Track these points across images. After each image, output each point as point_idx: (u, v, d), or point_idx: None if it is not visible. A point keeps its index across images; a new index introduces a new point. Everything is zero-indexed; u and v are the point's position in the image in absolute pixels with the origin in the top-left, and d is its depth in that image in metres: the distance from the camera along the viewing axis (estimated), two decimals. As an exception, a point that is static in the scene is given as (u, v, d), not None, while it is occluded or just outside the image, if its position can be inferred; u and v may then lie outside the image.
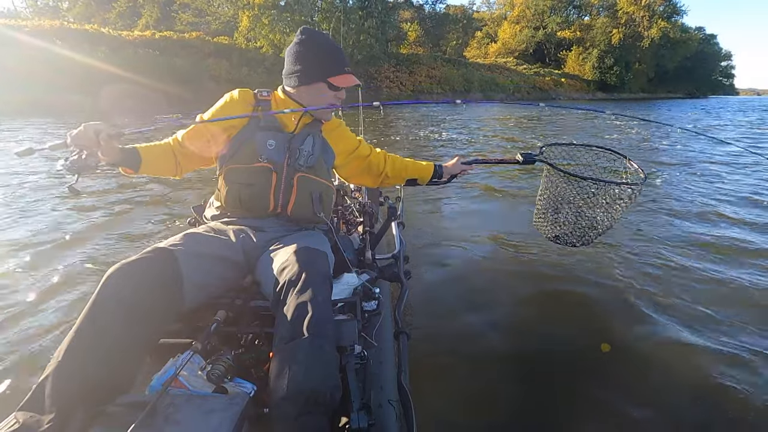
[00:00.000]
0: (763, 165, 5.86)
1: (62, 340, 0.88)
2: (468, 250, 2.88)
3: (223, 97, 1.34)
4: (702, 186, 4.89)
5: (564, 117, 16.05)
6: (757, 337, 1.91)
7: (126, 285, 0.93)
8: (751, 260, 2.74)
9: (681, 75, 57.76)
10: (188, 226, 1.48)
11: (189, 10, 29.70)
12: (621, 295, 2.25)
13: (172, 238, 1.13)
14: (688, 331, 1.94)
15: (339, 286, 1.22)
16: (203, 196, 1.57)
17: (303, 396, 0.85)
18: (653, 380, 1.63)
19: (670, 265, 2.64)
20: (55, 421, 0.78)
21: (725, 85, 77.15)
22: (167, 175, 1.30)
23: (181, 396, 0.88)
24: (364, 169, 1.54)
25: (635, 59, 48.99)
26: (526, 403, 1.51)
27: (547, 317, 2.07)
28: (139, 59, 19.21)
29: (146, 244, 2.14)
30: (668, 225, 3.47)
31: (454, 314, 2.06)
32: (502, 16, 56.60)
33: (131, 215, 3.58)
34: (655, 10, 49.56)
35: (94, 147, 1.03)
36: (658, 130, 11.05)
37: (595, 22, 50.62)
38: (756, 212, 3.82)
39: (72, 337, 0.87)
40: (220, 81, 21.15)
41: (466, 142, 9.18)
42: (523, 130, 11.81)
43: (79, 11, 36.19)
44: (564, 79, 46.09)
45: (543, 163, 1.72)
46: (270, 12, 24.38)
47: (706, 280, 2.46)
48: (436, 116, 15.78)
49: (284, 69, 1.34)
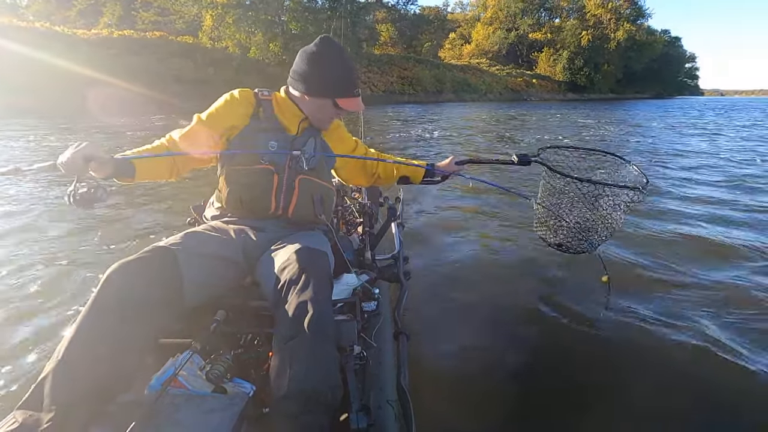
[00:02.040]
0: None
1: (62, 339, 0.88)
2: (468, 251, 2.87)
3: (223, 96, 1.31)
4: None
5: (541, 116, 16.52)
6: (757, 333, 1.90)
7: (126, 284, 0.93)
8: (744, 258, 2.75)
9: (648, 76, 59.69)
10: (188, 225, 1.46)
11: (151, 9, 28.78)
12: (621, 294, 2.23)
13: (172, 237, 1.12)
14: (688, 329, 1.92)
15: (338, 286, 1.21)
16: (203, 195, 1.55)
17: (304, 395, 0.85)
18: (653, 380, 1.61)
19: (669, 260, 2.66)
20: (55, 420, 0.78)
21: (690, 85, 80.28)
22: (164, 178, 1.26)
23: (181, 396, 0.89)
24: (360, 170, 1.55)
25: (604, 60, 50.32)
26: (526, 404, 1.50)
27: (547, 317, 2.05)
28: (96, 58, 18.49)
29: (146, 243, 1.93)
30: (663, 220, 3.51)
31: (453, 315, 2.05)
32: (475, 18, 57.26)
33: (131, 214, 3.56)
34: (622, 13, 51.10)
35: (85, 174, 1.00)
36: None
37: (565, 24, 51.80)
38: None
39: (72, 336, 0.87)
40: (184, 81, 20.59)
41: (446, 138, 9.30)
42: (502, 127, 12.34)
43: (38, 9, 34.82)
44: (536, 80, 46.96)
45: (540, 165, 1.68)
46: (234, 11, 23.83)
47: (704, 275, 2.46)
48: (423, 115, 16.05)
49: (293, 69, 1.31)
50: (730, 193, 4.54)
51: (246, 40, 24.33)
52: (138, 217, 3.48)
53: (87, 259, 2.59)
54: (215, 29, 24.09)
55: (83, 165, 0.98)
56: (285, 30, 26.37)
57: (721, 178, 5.32)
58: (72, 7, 33.65)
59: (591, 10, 50.98)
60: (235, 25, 23.80)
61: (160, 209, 3.71)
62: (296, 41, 26.91)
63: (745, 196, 4.41)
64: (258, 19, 24.33)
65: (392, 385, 1.07)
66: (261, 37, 24.57)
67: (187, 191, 4.24)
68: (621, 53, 51.12)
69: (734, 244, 2.96)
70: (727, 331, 1.92)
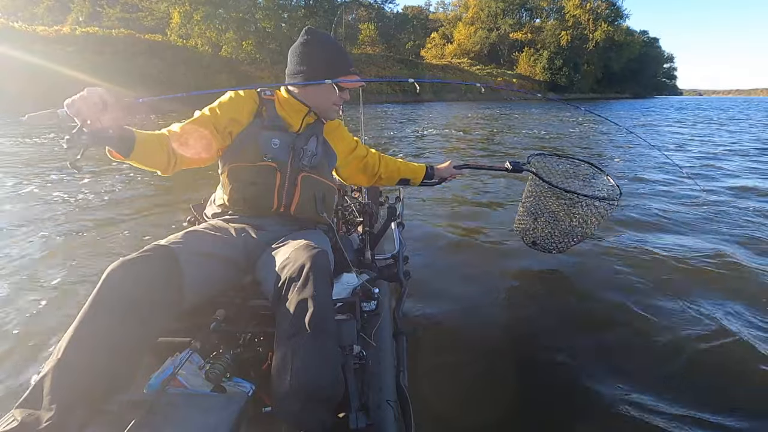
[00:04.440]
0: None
1: (61, 338, 0.87)
2: (468, 251, 2.88)
3: (227, 94, 1.30)
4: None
5: (518, 115, 16.97)
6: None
7: (126, 282, 0.92)
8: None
9: (627, 76, 60.73)
10: (188, 224, 1.45)
11: (118, 5, 27.98)
12: (622, 295, 2.24)
13: (172, 236, 1.11)
14: (687, 326, 1.94)
15: (338, 286, 1.22)
16: (203, 194, 1.54)
17: (306, 392, 0.85)
18: (653, 380, 1.62)
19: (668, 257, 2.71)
20: (54, 419, 0.77)
21: (669, 85, 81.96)
22: (156, 168, 1.15)
23: (180, 395, 0.88)
24: (360, 169, 1.57)
25: (583, 61, 50.92)
26: (526, 404, 1.50)
27: (547, 317, 2.06)
28: (57, 56, 17.82)
29: (146, 241, 1.88)
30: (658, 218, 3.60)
31: (453, 314, 2.05)
32: (457, 18, 57.41)
33: (131, 213, 3.55)
34: (600, 14, 51.78)
35: (98, 116, 0.89)
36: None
37: (545, 25, 52.28)
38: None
39: (71, 335, 0.86)
40: (151, 81, 19.98)
41: (434, 141, 9.44)
42: (486, 126, 12.84)
43: (4, 5, 33.67)
44: (516, 80, 47.22)
45: (529, 173, 1.80)
46: (203, 8, 23.27)
47: (702, 270, 2.52)
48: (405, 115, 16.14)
49: (288, 68, 1.34)
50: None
51: (217, 38, 23.78)
52: (138, 217, 3.46)
53: (87, 257, 2.59)
54: (183, 26, 23.49)
55: (99, 105, 0.88)
56: (258, 28, 25.89)
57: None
58: (39, 4, 32.58)
59: (570, 10, 51.54)
60: (204, 22, 23.23)
61: (160, 208, 3.70)
62: (270, 40, 26.53)
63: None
64: (229, 16, 23.81)
65: (391, 385, 1.08)
66: (232, 35, 24.06)
67: (188, 191, 4.25)
68: (600, 53, 51.82)
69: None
70: (734, 322, 1.94)
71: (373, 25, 44.53)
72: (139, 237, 2.95)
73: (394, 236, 1.89)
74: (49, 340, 1.71)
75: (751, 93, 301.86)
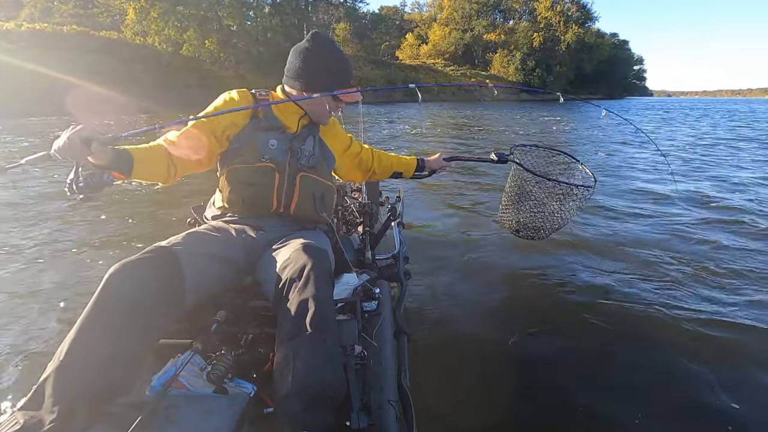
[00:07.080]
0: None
1: (63, 340, 0.86)
2: (468, 250, 2.87)
3: (221, 96, 1.29)
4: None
5: (496, 115, 17.83)
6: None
7: (127, 284, 0.92)
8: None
9: (599, 77, 62.12)
10: (188, 226, 1.43)
11: (71, 1, 26.66)
12: (623, 294, 2.26)
13: (173, 237, 1.11)
14: (687, 325, 1.97)
15: (339, 286, 1.22)
16: (203, 196, 1.49)
17: (307, 392, 0.85)
18: (653, 380, 1.62)
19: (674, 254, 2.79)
20: (56, 422, 0.77)
21: (639, 86, 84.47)
22: (159, 180, 1.17)
23: (182, 396, 0.88)
24: (355, 165, 1.58)
25: (556, 62, 51.74)
26: (526, 404, 1.50)
27: (547, 318, 2.05)
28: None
29: (147, 243, 1.69)
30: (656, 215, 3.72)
31: (454, 314, 2.06)
32: (432, 18, 57.52)
33: (132, 215, 3.56)
34: (570, 16, 52.74)
35: (85, 157, 0.92)
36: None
37: (518, 26, 52.91)
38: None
39: (73, 337, 0.85)
40: (103, 78, 18.95)
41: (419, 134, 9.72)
42: (459, 131, 13.10)
43: (-48, -1, 31.74)
44: (489, 81, 47.55)
45: (513, 163, 1.85)
46: (160, 5, 22.29)
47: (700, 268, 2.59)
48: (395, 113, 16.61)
49: (287, 68, 1.32)
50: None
51: (177, 36, 22.85)
52: (138, 219, 3.48)
53: (88, 259, 2.61)
54: (139, 23, 22.48)
55: (83, 147, 0.90)
56: (222, 26, 25.05)
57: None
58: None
59: (542, 12, 52.31)
60: (161, 19, 22.27)
61: (160, 210, 3.74)
62: (235, 38, 25.73)
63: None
64: (189, 14, 22.90)
65: (393, 385, 1.07)
66: (194, 33, 23.17)
67: (188, 192, 4.28)
68: (572, 55, 52.75)
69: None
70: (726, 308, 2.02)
71: (345, 24, 44.05)
72: (140, 239, 2.95)
73: (395, 236, 1.89)
74: (51, 342, 1.71)
75: (716, 94, 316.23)
